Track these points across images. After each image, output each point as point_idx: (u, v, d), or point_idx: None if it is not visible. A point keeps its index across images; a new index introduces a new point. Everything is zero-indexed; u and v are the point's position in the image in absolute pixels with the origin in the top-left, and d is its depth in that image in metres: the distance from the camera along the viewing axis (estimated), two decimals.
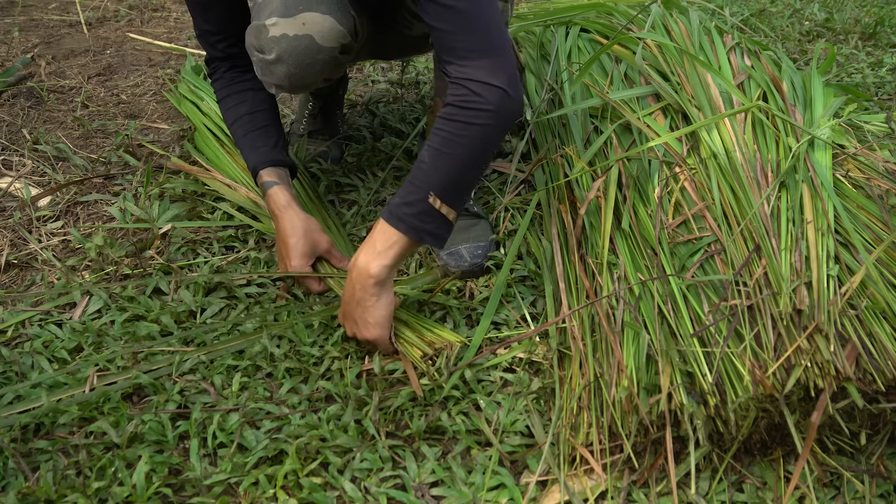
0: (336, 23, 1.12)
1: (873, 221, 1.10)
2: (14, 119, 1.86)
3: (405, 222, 1.02)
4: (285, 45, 1.10)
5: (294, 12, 1.09)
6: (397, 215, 1.03)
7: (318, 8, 1.10)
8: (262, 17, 1.11)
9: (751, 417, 0.88)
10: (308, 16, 1.10)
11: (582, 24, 1.79)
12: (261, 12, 1.12)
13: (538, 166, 1.45)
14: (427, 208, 1.01)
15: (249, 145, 1.27)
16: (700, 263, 1.04)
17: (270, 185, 1.23)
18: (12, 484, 0.90)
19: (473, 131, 0.99)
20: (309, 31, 1.10)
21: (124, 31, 2.58)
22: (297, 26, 1.09)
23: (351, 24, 1.15)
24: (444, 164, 1.01)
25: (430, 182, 1.01)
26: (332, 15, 1.11)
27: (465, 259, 1.26)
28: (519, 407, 1.02)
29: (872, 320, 0.91)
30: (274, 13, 1.10)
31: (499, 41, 1.00)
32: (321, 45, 1.12)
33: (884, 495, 0.90)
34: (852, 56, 2.34)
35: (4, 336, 1.16)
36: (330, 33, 1.11)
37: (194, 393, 1.05)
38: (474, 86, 0.98)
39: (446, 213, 1.03)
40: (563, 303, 1.12)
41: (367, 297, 1.04)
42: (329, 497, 0.90)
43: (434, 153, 1.01)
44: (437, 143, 1.01)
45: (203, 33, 1.29)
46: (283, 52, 1.11)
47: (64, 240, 1.40)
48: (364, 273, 1.03)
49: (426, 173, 1.02)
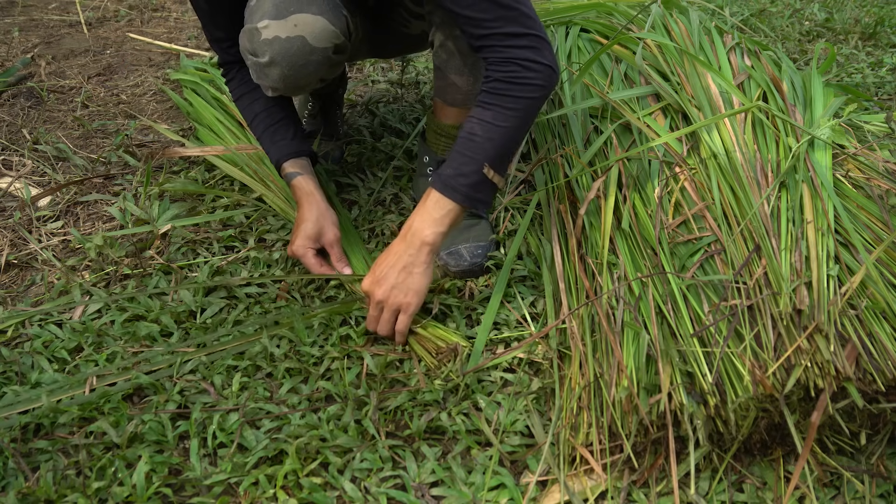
0: (328, 23, 1.12)
1: (873, 221, 1.10)
2: (14, 119, 1.86)
3: (460, 192, 1.07)
4: (278, 47, 1.11)
5: (285, 14, 1.10)
6: (452, 186, 1.07)
7: (309, 9, 1.11)
8: (255, 20, 1.12)
9: (751, 417, 0.88)
10: (300, 17, 1.10)
11: (582, 24, 1.79)
12: (253, 15, 1.13)
13: (538, 166, 1.45)
14: (481, 179, 1.07)
15: (269, 140, 1.30)
16: (700, 263, 1.04)
17: (294, 176, 1.27)
18: (12, 484, 0.90)
19: (524, 104, 1.06)
20: (301, 32, 1.10)
21: (124, 31, 2.58)
22: (289, 28, 1.10)
23: (343, 23, 1.15)
24: (497, 136, 1.06)
25: (486, 154, 1.06)
26: (324, 15, 1.12)
27: (464, 259, 1.26)
28: (519, 407, 1.02)
29: (872, 320, 0.91)
30: (265, 16, 1.11)
31: (537, 23, 1.06)
32: (314, 45, 1.12)
33: (884, 495, 0.90)
34: (852, 56, 2.34)
35: (4, 336, 1.16)
36: (322, 34, 1.12)
37: (194, 393, 1.05)
38: (524, 63, 1.04)
39: (497, 181, 1.09)
40: (563, 303, 1.12)
41: (417, 264, 1.08)
42: (329, 497, 0.90)
43: (487, 126, 1.06)
44: (488, 117, 1.06)
45: (214, 39, 1.31)
46: (276, 55, 1.11)
47: (64, 240, 1.40)
48: (419, 238, 1.07)
49: (480, 146, 1.06)
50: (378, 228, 1.41)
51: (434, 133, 1.32)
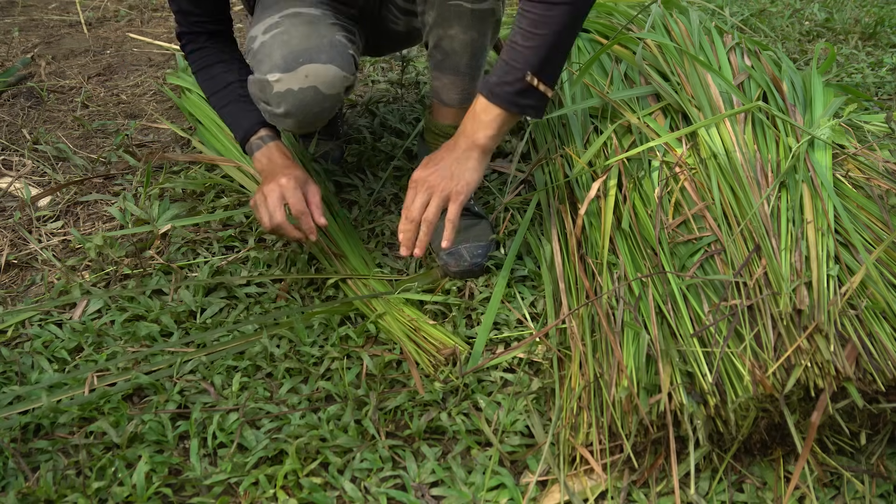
0: (338, 69, 1.12)
1: (873, 221, 1.09)
2: (14, 119, 1.86)
3: (506, 100, 1.07)
4: (292, 99, 1.11)
5: (295, 66, 1.09)
6: (497, 94, 1.07)
7: (318, 58, 1.10)
8: (264, 71, 1.11)
9: (751, 417, 0.88)
10: (310, 68, 1.10)
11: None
12: (261, 65, 1.12)
13: (538, 166, 1.45)
14: (526, 86, 1.06)
15: (241, 109, 1.24)
16: (700, 263, 1.04)
17: (272, 139, 1.23)
18: (12, 484, 0.90)
19: (558, 11, 1.04)
20: (313, 82, 1.10)
21: (124, 31, 2.58)
22: (301, 79, 1.10)
23: (351, 63, 1.15)
24: (535, 43, 1.05)
25: (527, 62, 1.05)
26: (333, 62, 1.11)
27: (465, 259, 1.26)
28: (519, 407, 1.02)
29: (872, 320, 0.91)
30: (275, 69, 1.10)
31: None
32: (326, 93, 1.12)
33: (884, 495, 0.90)
34: (852, 56, 2.34)
35: (4, 336, 1.16)
36: (334, 81, 1.12)
37: (194, 393, 1.05)
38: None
39: (543, 89, 1.08)
40: (563, 303, 1.12)
41: (468, 159, 1.09)
42: (329, 497, 0.90)
43: (525, 34, 1.05)
44: (525, 25, 1.05)
45: (180, 10, 1.24)
46: (291, 107, 1.12)
47: (64, 240, 1.40)
48: (471, 140, 1.09)
49: (520, 53, 1.06)
50: (378, 228, 1.41)
51: (433, 134, 1.32)
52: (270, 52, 1.11)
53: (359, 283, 1.22)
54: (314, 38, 1.11)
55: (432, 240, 1.33)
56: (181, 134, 1.75)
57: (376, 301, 1.19)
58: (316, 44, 1.11)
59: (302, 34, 1.11)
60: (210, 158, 1.51)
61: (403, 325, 1.14)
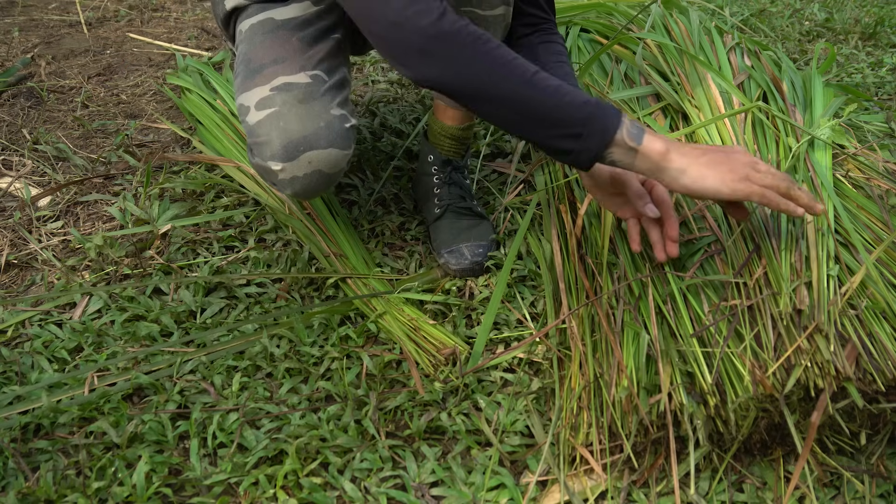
0: (339, 151, 1.10)
1: (873, 221, 1.10)
2: (14, 119, 1.86)
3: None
4: (298, 185, 1.11)
5: (296, 154, 1.08)
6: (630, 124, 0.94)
7: (318, 144, 1.08)
8: (265, 157, 1.09)
9: (751, 417, 0.88)
10: (312, 155, 1.08)
11: (582, 24, 1.80)
12: (261, 149, 1.10)
13: (538, 166, 1.45)
14: None
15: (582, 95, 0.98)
16: (700, 263, 1.04)
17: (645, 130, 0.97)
18: (12, 484, 0.90)
19: None
20: (317, 167, 1.09)
21: (124, 31, 2.58)
22: (304, 166, 1.08)
23: (350, 137, 1.13)
24: None
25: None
26: (333, 146, 1.09)
27: (465, 257, 1.26)
28: (519, 407, 1.02)
29: (872, 320, 0.91)
30: (276, 157, 1.08)
31: None
32: (331, 173, 1.12)
33: (884, 495, 0.90)
34: (852, 56, 2.34)
35: (4, 336, 1.16)
36: (336, 160, 1.11)
37: (194, 393, 1.05)
38: None
39: None
40: (563, 303, 1.12)
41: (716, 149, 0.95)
42: (329, 497, 0.90)
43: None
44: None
45: None
46: (298, 190, 1.12)
47: (64, 240, 1.40)
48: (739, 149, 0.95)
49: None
50: (378, 228, 1.41)
51: (437, 134, 1.32)
52: (269, 140, 1.08)
53: (359, 283, 1.22)
54: (310, 122, 1.08)
55: (433, 239, 1.33)
56: (181, 134, 1.75)
57: (376, 301, 1.19)
58: (313, 129, 1.08)
59: (297, 117, 1.08)
60: (210, 158, 1.51)
61: (403, 324, 1.14)
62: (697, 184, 0.91)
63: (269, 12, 1.17)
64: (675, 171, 0.91)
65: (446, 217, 1.33)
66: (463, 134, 1.32)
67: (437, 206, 1.34)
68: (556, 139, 0.93)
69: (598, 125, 0.91)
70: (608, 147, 0.92)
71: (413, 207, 1.47)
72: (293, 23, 1.16)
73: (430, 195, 1.36)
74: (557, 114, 0.92)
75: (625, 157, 0.92)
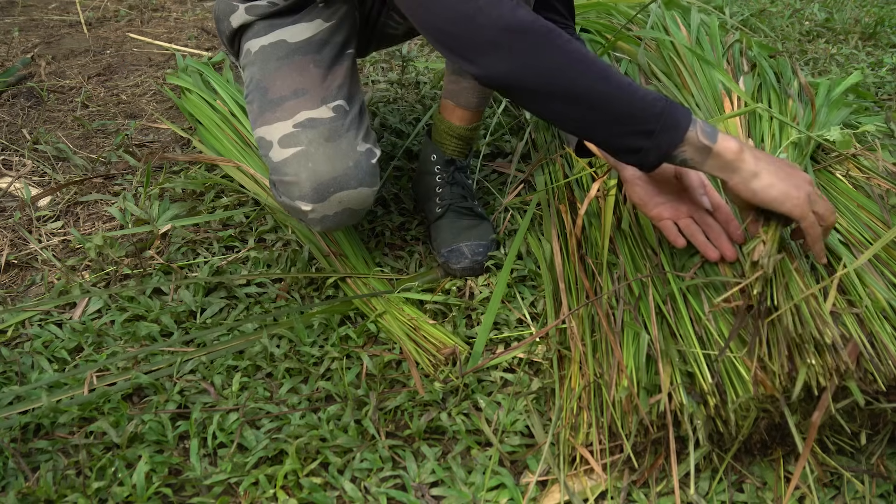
0: (368, 188, 1.11)
1: (874, 221, 1.09)
2: (14, 119, 1.86)
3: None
4: (329, 222, 1.12)
5: (327, 195, 1.08)
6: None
7: (348, 184, 1.08)
8: (294, 197, 1.09)
9: (751, 418, 0.88)
10: (342, 195, 1.08)
11: (582, 24, 1.79)
12: (289, 189, 1.09)
13: (538, 166, 1.45)
14: None
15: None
16: (700, 263, 1.04)
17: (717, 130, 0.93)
18: (12, 484, 0.90)
19: None
20: (347, 205, 1.10)
21: (124, 31, 2.58)
22: (335, 206, 1.09)
23: (376, 172, 1.13)
24: None
25: None
26: (364, 184, 1.10)
27: (465, 256, 1.26)
28: (519, 407, 1.02)
29: (872, 320, 0.91)
30: (306, 199, 1.08)
31: None
32: (360, 210, 1.13)
33: (884, 495, 0.90)
34: (852, 56, 2.34)
35: (4, 336, 1.16)
36: (366, 198, 1.12)
37: (194, 393, 1.05)
38: None
39: None
40: (563, 303, 1.12)
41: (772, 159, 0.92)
42: (329, 497, 0.90)
43: None
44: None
45: None
46: (328, 227, 1.13)
47: (64, 240, 1.40)
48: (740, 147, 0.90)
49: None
50: (378, 228, 1.41)
51: (443, 133, 1.32)
52: (298, 181, 1.07)
53: (359, 283, 1.22)
54: (339, 161, 1.07)
55: (433, 238, 1.33)
56: (181, 134, 1.75)
57: (376, 300, 1.19)
58: (343, 169, 1.08)
59: (326, 157, 1.07)
60: (210, 158, 1.51)
61: (403, 324, 1.14)
62: (766, 191, 0.88)
63: (280, 32, 1.14)
64: (749, 173, 0.89)
65: (447, 217, 1.32)
66: (470, 134, 1.32)
67: (438, 206, 1.34)
68: (626, 137, 0.88)
69: (670, 121, 0.87)
70: (680, 146, 0.88)
71: (413, 207, 1.47)
72: (308, 46, 1.13)
73: (432, 194, 1.36)
74: (631, 110, 0.87)
75: (696, 156, 0.89)
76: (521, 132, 1.68)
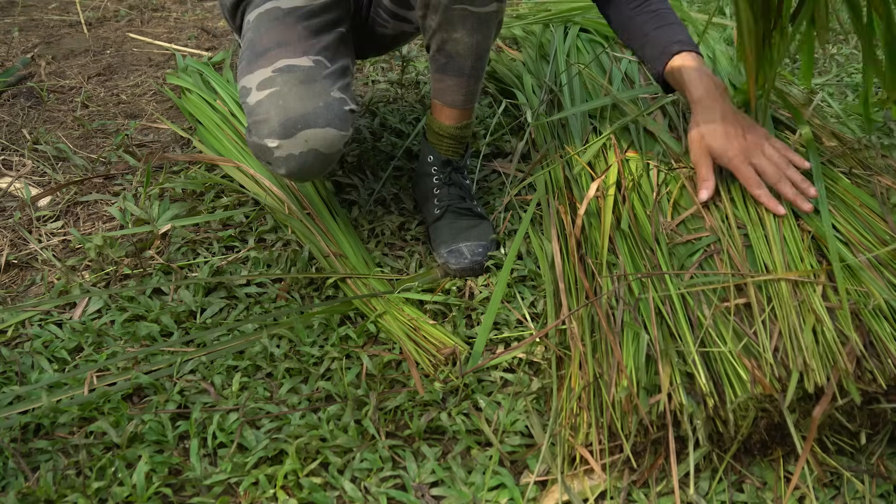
0: (336, 132, 1.12)
1: (874, 219, 1.09)
2: (14, 119, 1.86)
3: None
4: (293, 163, 1.12)
5: (294, 132, 1.09)
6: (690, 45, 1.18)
7: (315, 122, 1.10)
8: (262, 136, 1.11)
9: (750, 417, 0.88)
10: (308, 133, 1.09)
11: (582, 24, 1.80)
12: (259, 128, 1.11)
13: (538, 166, 1.45)
14: None
15: None
16: (699, 263, 1.04)
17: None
18: (12, 484, 0.90)
19: None
20: (312, 146, 1.10)
21: (124, 31, 2.58)
22: (300, 144, 1.10)
23: (348, 119, 1.14)
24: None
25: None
26: (331, 125, 1.11)
27: (465, 256, 1.26)
28: (519, 407, 1.02)
29: (872, 320, 0.91)
30: (273, 135, 1.09)
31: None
32: (327, 153, 1.13)
33: (884, 495, 0.90)
34: (852, 56, 2.34)
35: (4, 336, 1.16)
36: (332, 142, 1.12)
37: (194, 393, 1.05)
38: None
39: None
40: (562, 303, 1.12)
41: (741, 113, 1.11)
42: (329, 497, 0.90)
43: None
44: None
45: None
46: (293, 169, 1.13)
47: (64, 240, 1.40)
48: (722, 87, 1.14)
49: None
50: (378, 228, 1.41)
51: (435, 134, 1.32)
52: (268, 117, 1.10)
53: (359, 283, 1.22)
54: (310, 101, 1.10)
55: (433, 239, 1.33)
56: (181, 134, 1.75)
57: (376, 300, 1.19)
58: (312, 108, 1.10)
59: (297, 96, 1.10)
60: (210, 158, 1.51)
61: (403, 324, 1.14)
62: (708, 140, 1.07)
63: (276, 1, 1.20)
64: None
65: (446, 217, 1.33)
66: (461, 133, 1.32)
67: (436, 207, 1.34)
68: None
69: None
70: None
71: (413, 207, 1.47)
72: (299, 12, 1.19)
73: (430, 195, 1.36)
74: None
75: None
76: (521, 132, 1.68)
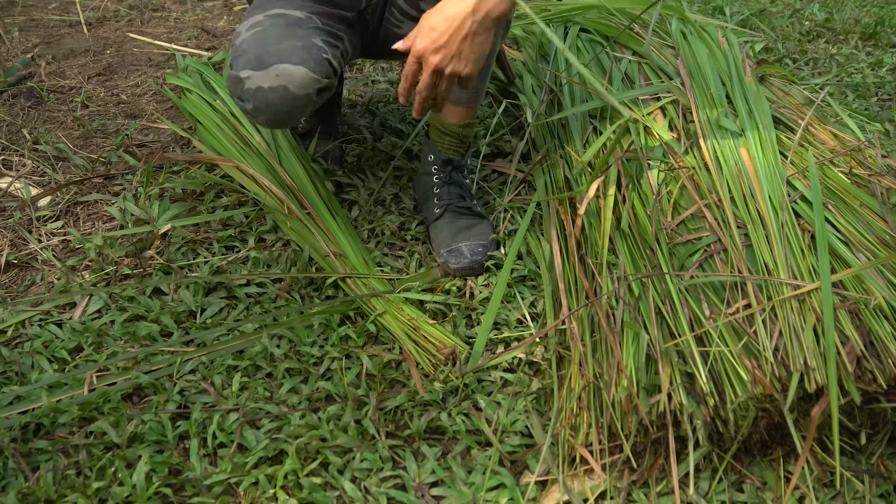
0: (308, 72, 1.11)
1: (875, 219, 1.09)
2: (14, 119, 1.86)
3: None
4: (261, 97, 1.11)
5: (267, 64, 1.10)
6: None
7: (290, 59, 1.10)
8: (238, 68, 1.12)
9: (750, 417, 0.88)
10: (281, 67, 1.10)
11: (582, 24, 1.79)
12: (237, 61, 1.12)
13: (538, 166, 1.45)
14: None
15: None
16: (700, 263, 1.04)
17: None
18: (12, 484, 0.90)
19: None
20: (282, 81, 1.10)
21: (124, 31, 2.58)
22: (271, 78, 1.10)
23: (325, 67, 1.14)
24: None
25: None
26: (304, 64, 1.11)
27: (465, 256, 1.26)
28: (519, 407, 1.02)
29: (872, 320, 0.91)
30: (248, 65, 1.10)
31: None
32: (296, 93, 1.12)
33: (884, 495, 0.90)
34: (852, 56, 2.34)
35: (4, 336, 1.16)
36: (303, 82, 1.11)
37: (194, 393, 1.05)
38: None
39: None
40: (562, 303, 1.12)
41: (481, 31, 1.04)
42: (329, 497, 0.90)
43: None
44: None
45: None
46: (260, 104, 1.12)
47: (64, 240, 1.40)
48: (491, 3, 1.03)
49: None
50: (378, 228, 1.41)
51: (438, 132, 1.32)
52: (247, 50, 1.12)
53: (359, 283, 1.22)
54: (289, 39, 1.11)
55: (433, 238, 1.33)
56: (181, 134, 1.75)
57: (376, 300, 1.19)
58: (290, 45, 1.11)
59: (278, 34, 1.11)
60: (210, 158, 1.51)
61: (403, 324, 1.14)
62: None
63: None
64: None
65: (446, 216, 1.33)
66: (463, 132, 1.32)
67: (436, 206, 1.34)
68: None
69: None
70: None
71: (413, 207, 1.47)
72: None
73: (430, 195, 1.36)
74: None
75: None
76: (521, 132, 1.68)
